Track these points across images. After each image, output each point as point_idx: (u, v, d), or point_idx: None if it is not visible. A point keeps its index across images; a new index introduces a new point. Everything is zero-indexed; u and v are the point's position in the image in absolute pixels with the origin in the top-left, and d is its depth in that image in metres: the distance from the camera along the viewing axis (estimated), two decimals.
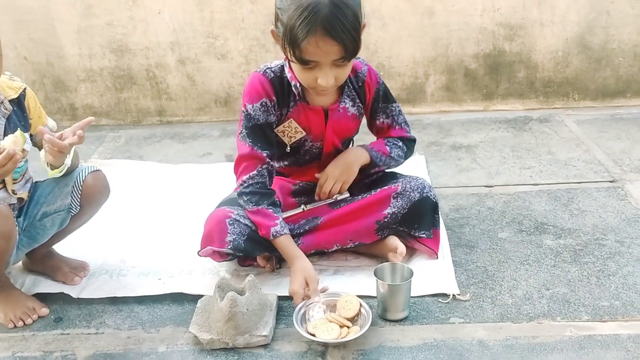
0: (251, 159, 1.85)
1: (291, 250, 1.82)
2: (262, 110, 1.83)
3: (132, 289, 1.91)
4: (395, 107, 2.00)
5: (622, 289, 1.80)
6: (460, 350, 1.60)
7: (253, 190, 1.84)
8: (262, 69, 1.85)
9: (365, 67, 1.91)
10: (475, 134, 3.01)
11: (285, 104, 1.86)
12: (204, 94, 3.36)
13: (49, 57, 3.31)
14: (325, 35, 1.57)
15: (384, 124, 2.00)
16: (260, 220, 1.83)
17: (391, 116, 1.99)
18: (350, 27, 1.59)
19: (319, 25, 1.56)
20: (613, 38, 3.14)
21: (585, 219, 2.18)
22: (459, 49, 3.20)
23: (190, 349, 1.67)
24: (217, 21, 3.20)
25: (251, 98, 1.83)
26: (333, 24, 1.56)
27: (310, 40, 1.58)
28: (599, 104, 3.27)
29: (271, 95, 1.83)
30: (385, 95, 1.97)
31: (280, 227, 1.82)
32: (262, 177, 1.85)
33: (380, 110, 1.97)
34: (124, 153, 3.06)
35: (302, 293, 1.73)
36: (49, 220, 1.82)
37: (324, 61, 1.64)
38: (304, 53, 1.61)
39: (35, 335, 1.76)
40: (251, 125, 1.84)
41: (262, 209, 1.83)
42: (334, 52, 1.61)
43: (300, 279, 1.74)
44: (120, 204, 2.41)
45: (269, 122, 1.85)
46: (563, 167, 2.60)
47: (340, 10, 1.56)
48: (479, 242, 2.08)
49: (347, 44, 1.60)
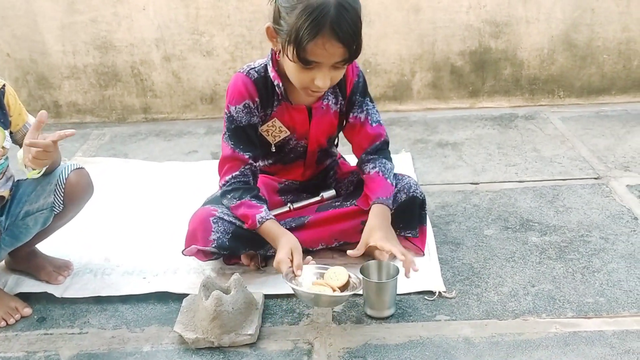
0: (234, 161, 1.84)
1: (277, 231, 1.78)
2: (244, 112, 1.81)
3: (117, 288, 1.90)
4: (369, 103, 1.93)
5: (607, 285, 1.81)
6: (446, 347, 1.61)
7: (236, 187, 1.83)
8: (246, 70, 1.83)
9: None
10: (461, 131, 3.02)
11: (270, 105, 1.85)
12: (189, 91, 3.34)
13: (32, 53, 3.27)
14: (332, 37, 1.56)
15: (357, 119, 1.92)
16: (244, 211, 1.80)
17: (365, 110, 1.92)
18: (356, 29, 1.59)
19: (327, 27, 1.55)
20: (598, 35, 3.16)
21: (570, 216, 2.19)
22: (445, 46, 3.21)
23: (175, 349, 1.66)
24: (202, 17, 3.18)
25: (234, 100, 1.81)
26: (341, 25, 1.55)
27: (317, 42, 1.57)
28: (584, 101, 3.29)
29: (254, 97, 1.81)
30: (364, 88, 1.92)
31: (265, 213, 1.79)
32: (246, 176, 1.84)
33: (357, 103, 1.91)
34: (109, 151, 3.04)
35: (288, 262, 1.68)
36: (31, 219, 1.80)
37: (326, 62, 1.62)
38: (309, 54, 1.60)
39: (18, 335, 1.75)
40: (233, 127, 1.82)
41: (245, 201, 1.81)
42: (338, 54, 1.60)
43: (286, 249, 1.70)
44: (104, 202, 2.39)
45: (251, 124, 1.83)
46: (548, 164, 2.61)
47: (347, 12, 1.56)
48: (465, 239, 2.08)
49: (352, 47, 1.60)
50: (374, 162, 1.91)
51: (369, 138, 1.93)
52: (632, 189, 2.35)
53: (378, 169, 1.89)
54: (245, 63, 2.36)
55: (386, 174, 1.89)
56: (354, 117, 1.92)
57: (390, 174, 1.90)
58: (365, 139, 1.93)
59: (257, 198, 1.83)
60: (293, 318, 1.75)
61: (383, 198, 1.83)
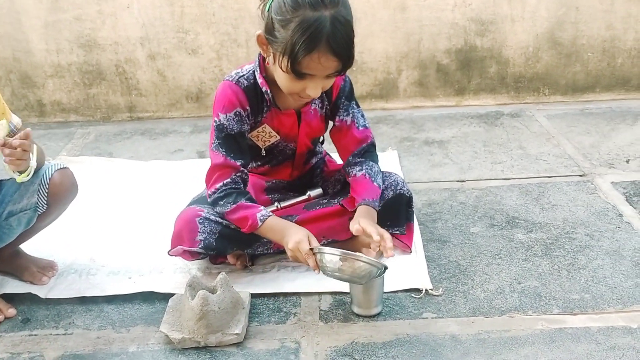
0: (225, 168, 1.81)
1: (284, 223, 1.76)
2: (235, 120, 1.79)
3: (102, 289, 1.88)
4: (354, 106, 1.92)
5: (592, 282, 1.82)
6: (433, 345, 1.61)
7: (228, 193, 1.80)
8: (235, 78, 1.80)
9: None
10: (448, 129, 3.02)
11: (259, 111, 1.83)
12: (174, 90, 3.32)
13: (16, 52, 3.24)
14: (328, 51, 1.56)
15: (343, 122, 1.90)
16: (242, 213, 1.77)
17: (351, 114, 1.91)
18: (350, 42, 1.59)
19: (323, 42, 1.54)
20: (582, 34, 3.18)
21: (556, 213, 2.20)
22: (431, 44, 3.21)
23: (161, 349, 1.65)
24: (187, 15, 3.16)
25: (224, 108, 1.79)
26: (337, 40, 1.55)
27: (313, 56, 1.56)
28: (568, 98, 3.31)
29: (245, 106, 1.79)
30: (350, 93, 1.91)
31: (265, 211, 1.77)
32: (236, 183, 1.81)
33: (343, 107, 1.90)
34: (94, 150, 3.01)
35: (307, 242, 1.66)
36: (15, 219, 1.78)
37: (319, 75, 1.62)
38: (304, 67, 1.59)
39: (2, 336, 1.73)
40: (224, 135, 1.80)
41: (241, 204, 1.78)
42: (332, 67, 1.60)
43: (301, 233, 1.68)
44: (89, 201, 2.38)
45: (242, 131, 1.82)
46: (534, 161, 2.63)
47: (342, 26, 1.55)
48: (452, 236, 2.09)
49: (346, 60, 1.60)
50: (360, 164, 1.90)
51: (355, 141, 1.92)
52: (617, 186, 2.37)
53: (364, 172, 1.88)
54: (231, 61, 2.36)
55: (373, 176, 1.88)
56: (340, 120, 1.91)
57: (377, 176, 1.89)
58: (352, 142, 1.92)
59: (251, 200, 1.82)
60: (280, 317, 1.74)
61: (369, 200, 1.82)
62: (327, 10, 1.54)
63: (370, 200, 1.82)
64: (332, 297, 1.81)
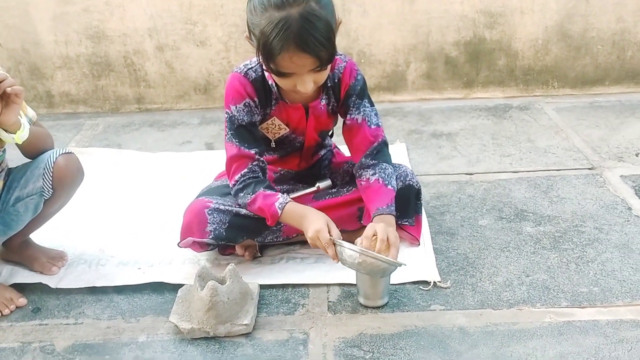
0: (241, 159, 1.82)
1: (302, 209, 1.74)
2: (245, 110, 1.80)
3: (112, 279, 1.89)
4: (367, 104, 1.88)
5: (601, 275, 1.82)
6: (441, 337, 1.61)
7: (247, 183, 1.81)
8: (243, 70, 1.81)
9: (343, 64, 1.85)
10: (456, 122, 3.02)
11: (268, 104, 1.84)
12: (183, 81, 3.32)
13: (25, 43, 3.25)
14: (298, 50, 1.55)
15: (354, 120, 1.86)
16: (261, 204, 1.76)
17: (362, 112, 1.87)
18: (323, 38, 1.55)
19: (292, 41, 1.53)
20: (592, 26, 3.16)
21: (565, 206, 2.20)
22: (440, 37, 3.20)
23: (170, 339, 1.66)
24: (195, 7, 3.16)
25: (234, 99, 1.80)
26: (305, 38, 1.53)
27: (284, 56, 1.56)
28: (578, 91, 3.29)
29: (253, 97, 1.80)
30: (362, 91, 1.88)
31: (283, 198, 1.76)
32: (254, 172, 1.82)
33: (354, 105, 1.87)
34: (102, 141, 3.02)
35: (327, 230, 1.65)
36: (22, 205, 1.79)
37: (300, 72, 1.61)
38: (279, 67, 1.59)
39: (13, 326, 1.74)
40: (236, 126, 1.81)
41: (259, 193, 1.78)
42: (308, 64, 1.59)
43: (321, 221, 1.67)
44: (98, 192, 2.39)
45: (253, 122, 1.82)
46: (542, 154, 2.62)
47: (311, 24, 1.53)
48: (460, 229, 2.09)
49: (321, 55, 1.57)
50: (373, 168, 1.85)
51: (366, 140, 1.87)
52: (626, 179, 2.36)
53: (378, 176, 1.84)
54: (239, 53, 2.35)
55: (386, 179, 1.83)
56: (350, 119, 1.88)
57: (391, 178, 1.85)
58: (363, 141, 1.87)
59: (270, 188, 1.81)
60: (289, 308, 1.75)
61: (383, 207, 1.77)
62: (294, 8, 1.52)
63: (384, 208, 1.76)
64: (340, 288, 1.82)
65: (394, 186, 1.84)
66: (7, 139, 1.66)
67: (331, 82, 1.85)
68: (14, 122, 1.64)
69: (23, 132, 1.67)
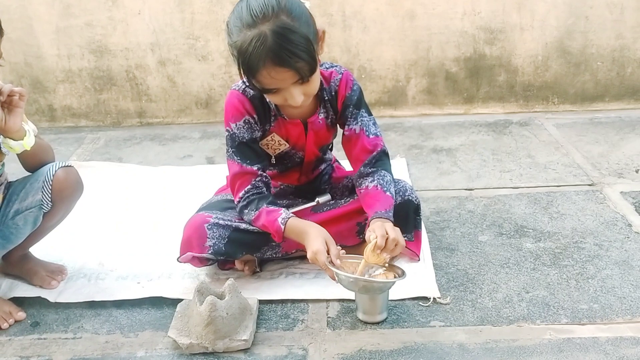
0: (244, 176, 1.82)
1: (303, 225, 1.74)
2: (246, 127, 1.81)
3: (111, 293, 1.89)
4: (364, 114, 1.88)
5: (601, 292, 1.81)
6: (440, 353, 1.61)
7: (250, 200, 1.82)
8: (241, 87, 1.82)
9: (339, 76, 1.85)
10: (456, 137, 3.02)
11: (267, 120, 1.84)
12: (184, 96, 3.34)
13: (27, 57, 3.27)
14: (275, 65, 1.55)
15: (352, 131, 1.86)
16: (265, 220, 1.77)
17: (360, 122, 1.87)
18: (301, 50, 1.55)
19: (267, 58, 1.53)
20: (592, 43, 3.18)
21: (565, 222, 2.20)
22: (440, 52, 3.22)
23: (169, 354, 1.65)
24: (197, 22, 3.18)
25: (233, 117, 1.81)
26: (279, 54, 1.53)
27: (263, 73, 1.57)
28: (578, 107, 3.30)
29: (252, 114, 1.81)
30: (359, 102, 1.88)
31: (285, 214, 1.76)
32: (258, 188, 1.82)
33: (351, 116, 1.87)
34: (103, 155, 3.03)
35: (325, 251, 1.65)
36: (21, 218, 1.79)
37: (283, 87, 1.62)
38: (262, 84, 1.61)
39: (12, 340, 1.74)
40: (237, 143, 1.82)
41: (262, 209, 1.79)
42: (289, 77, 1.59)
43: (320, 239, 1.67)
44: (99, 206, 2.39)
45: (254, 138, 1.83)
46: (542, 170, 2.62)
47: (285, 38, 1.53)
48: (460, 245, 2.09)
49: (300, 67, 1.57)
50: (372, 175, 1.85)
51: (365, 150, 1.87)
52: (626, 196, 2.36)
53: (376, 182, 1.84)
54: None
55: (385, 186, 1.83)
56: (349, 130, 1.88)
57: (390, 185, 1.85)
58: (362, 151, 1.87)
59: (273, 204, 1.81)
60: (287, 323, 1.75)
61: (381, 212, 1.76)
62: (265, 25, 1.53)
63: (383, 212, 1.76)
64: (339, 304, 1.81)
65: (393, 193, 1.84)
66: (16, 147, 1.67)
67: (328, 95, 1.86)
68: (20, 129, 1.65)
69: (29, 138, 1.68)
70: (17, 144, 1.66)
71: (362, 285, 1.66)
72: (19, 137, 1.67)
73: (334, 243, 1.69)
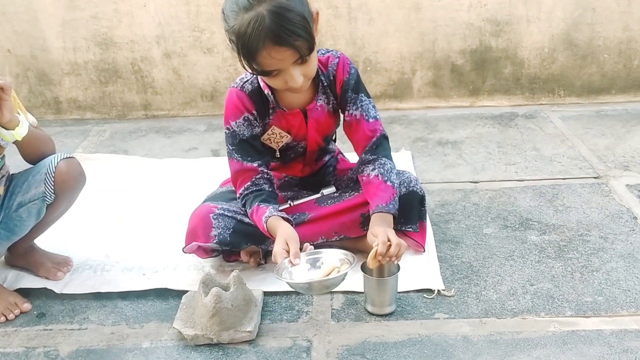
0: (245, 173, 1.84)
1: (276, 224, 1.73)
2: (245, 125, 1.82)
3: (116, 285, 1.90)
4: (364, 98, 1.88)
5: (606, 284, 1.81)
6: (444, 345, 1.61)
7: (247, 198, 1.83)
8: (239, 84, 1.82)
9: (336, 60, 1.86)
10: (462, 130, 3.02)
11: (266, 114, 1.85)
12: (189, 88, 3.34)
13: (33, 50, 3.27)
14: (275, 45, 1.55)
15: (352, 116, 1.87)
16: (255, 217, 1.79)
17: (360, 107, 1.86)
18: (299, 28, 1.55)
19: (266, 38, 1.53)
20: (598, 35, 3.16)
21: (570, 215, 2.19)
22: (446, 45, 3.21)
23: (174, 345, 1.66)
24: (203, 14, 3.18)
25: (233, 115, 1.81)
26: (278, 33, 1.53)
27: (263, 54, 1.56)
28: (584, 100, 3.29)
29: (252, 110, 1.81)
30: (357, 85, 1.88)
31: (268, 212, 1.76)
32: (257, 185, 1.83)
33: (350, 101, 1.87)
34: (109, 147, 3.04)
35: (284, 253, 1.64)
36: (24, 210, 1.80)
37: (283, 67, 1.61)
38: (262, 66, 1.60)
39: (18, 330, 1.75)
40: (238, 141, 1.83)
41: (254, 207, 1.80)
42: (288, 56, 1.58)
43: (280, 240, 1.67)
44: (104, 198, 2.40)
45: (254, 135, 1.84)
46: (548, 163, 2.62)
47: (282, 17, 1.52)
48: (464, 237, 2.09)
49: (299, 46, 1.57)
50: (373, 163, 1.87)
51: (366, 135, 1.88)
52: (632, 189, 2.35)
53: (377, 171, 1.85)
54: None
55: (385, 175, 1.84)
56: (349, 115, 1.88)
57: (390, 174, 1.85)
58: (363, 136, 1.88)
59: (265, 201, 1.81)
60: (292, 315, 1.75)
61: (382, 205, 1.78)
62: (262, 6, 1.52)
63: (384, 205, 1.78)
64: (344, 296, 1.82)
65: (394, 182, 1.84)
66: (7, 137, 1.66)
67: (326, 80, 1.86)
68: (10, 120, 1.64)
69: (22, 128, 1.67)
70: (8, 133, 1.66)
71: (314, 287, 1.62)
72: (12, 127, 1.66)
73: (296, 241, 1.66)
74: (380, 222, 1.74)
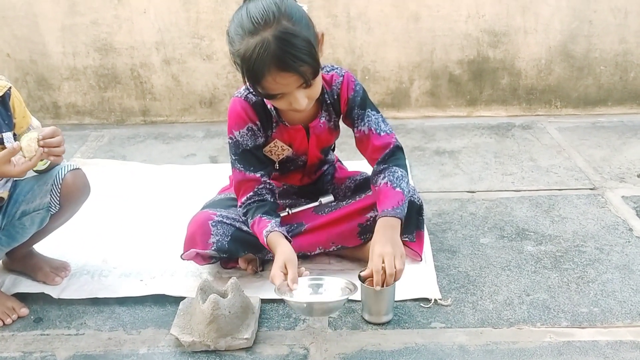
0: (247, 183, 1.84)
1: (276, 242, 1.74)
2: (249, 135, 1.82)
3: (114, 290, 1.90)
4: (371, 114, 1.88)
5: (601, 295, 1.82)
6: (441, 355, 1.61)
7: (249, 208, 1.83)
8: (243, 94, 1.82)
9: (340, 79, 1.85)
10: (459, 140, 3.03)
11: (269, 126, 1.85)
12: (188, 95, 3.35)
13: (33, 54, 3.28)
14: (280, 71, 1.55)
15: (362, 132, 1.86)
16: (257, 229, 1.80)
17: (367, 122, 1.86)
18: (304, 54, 1.55)
19: (271, 64, 1.53)
20: (595, 47, 3.18)
21: (566, 226, 2.21)
22: (444, 55, 3.23)
23: (171, 351, 1.66)
24: (202, 21, 3.19)
25: (237, 125, 1.81)
26: (284, 59, 1.53)
27: (268, 79, 1.56)
28: (580, 111, 3.31)
29: (255, 120, 1.81)
30: (363, 101, 1.88)
31: (270, 227, 1.77)
32: (259, 195, 1.84)
33: (358, 117, 1.87)
34: (107, 153, 3.04)
35: (282, 276, 1.64)
36: (28, 219, 1.81)
37: (288, 91, 1.61)
38: (266, 89, 1.60)
39: (15, 335, 1.75)
40: (241, 151, 1.83)
41: (256, 219, 1.81)
42: (293, 81, 1.59)
43: (279, 262, 1.67)
44: (102, 204, 2.40)
45: (257, 145, 1.84)
46: (544, 173, 2.63)
47: (288, 43, 1.52)
48: (461, 247, 2.09)
49: (304, 71, 1.57)
50: (383, 172, 1.85)
51: (377, 149, 1.87)
52: (627, 200, 2.37)
53: (387, 179, 1.83)
54: None
55: (394, 182, 1.82)
56: (358, 131, 1.88)
57: (400, 180, 1.83)
58: (375, 151, 1.87)
59: (267, 214, 1.82)
60: (289, 323, 1.76)
61: (388, 209, 1.76)
62: (267, 31, 1.52)
63: (389, 210, 1.76)
64: None
65: (403, 188, 1.81)
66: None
67: (330, 98, 1.86)
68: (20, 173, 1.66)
69: (45, 165, 1.74)
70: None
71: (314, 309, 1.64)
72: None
73: (294, 265, 1.66)
74: (382, 232, 1.72)
